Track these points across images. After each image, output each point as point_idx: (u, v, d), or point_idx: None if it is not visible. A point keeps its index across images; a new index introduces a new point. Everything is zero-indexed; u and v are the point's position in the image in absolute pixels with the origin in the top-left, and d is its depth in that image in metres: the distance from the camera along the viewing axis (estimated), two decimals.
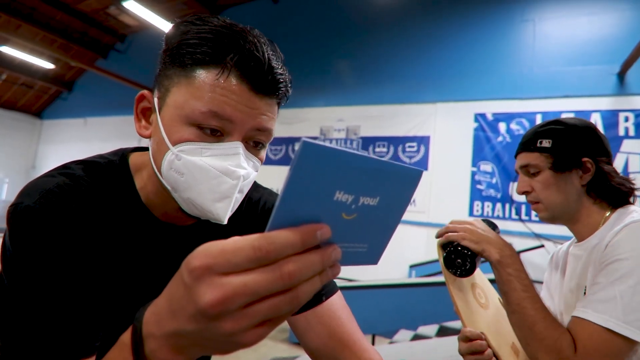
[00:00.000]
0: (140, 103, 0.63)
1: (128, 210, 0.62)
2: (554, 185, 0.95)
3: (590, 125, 0.97)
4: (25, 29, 9.59)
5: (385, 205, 0.30)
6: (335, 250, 0.29)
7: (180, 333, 0.32)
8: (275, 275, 0.27)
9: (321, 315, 0.71)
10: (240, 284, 0.27)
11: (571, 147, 0.94)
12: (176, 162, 0.55)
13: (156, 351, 0.35)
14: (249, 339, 0.30)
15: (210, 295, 0.27)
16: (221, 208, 0.56)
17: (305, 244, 0.27)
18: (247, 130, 0.56)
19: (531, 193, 0.99)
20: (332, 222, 0.28)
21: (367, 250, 0.33)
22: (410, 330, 3.40)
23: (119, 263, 0.61)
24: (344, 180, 0.27)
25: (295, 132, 7.50)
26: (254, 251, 0.27)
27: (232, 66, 0.53)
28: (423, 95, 6.47)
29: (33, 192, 0.54)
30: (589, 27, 5.42)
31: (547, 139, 0.95)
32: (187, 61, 0.54)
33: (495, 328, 0.95)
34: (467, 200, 5.84)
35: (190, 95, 0.53)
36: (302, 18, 7.99)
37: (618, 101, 5.14)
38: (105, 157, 0.64)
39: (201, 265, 0.28)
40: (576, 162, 0.93)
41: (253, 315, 0.28)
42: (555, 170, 0.94)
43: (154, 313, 0.35)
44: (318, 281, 0.29)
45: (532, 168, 0.98)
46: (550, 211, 0.98)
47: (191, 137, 0.54)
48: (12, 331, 0.50)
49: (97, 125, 11.31)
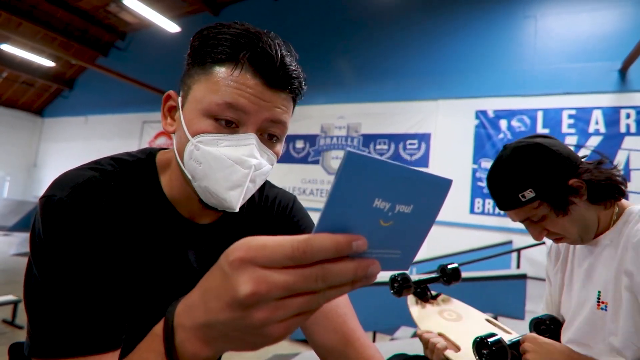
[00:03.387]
0: (167, 102, 0.67)
1: (153, 207, 0.64)
2: (567, 221, 0.92)
3: (540, 146, 0.92)
4: (25, 27, 9.59)
5: (418, 213, 0.32)
6: (374, 265, 0.30)
7: (211, 324, 0.33)
8: (312, 276, 0.29)
9: (328, 311, 0.74)
10: (279, 278, 0.29)
11: (553, 183, 0.90)
12: (195, 152, 0.58)
13: (185, 342, 0.36)
14: (277, 331, 0.31)
15: (250, 284, 0.29)
16: (233, 196, 0.59)
17: (339, 252, 0.28)
18: (260, 122, 0.59)
19: (550, 232, 0.96)
20: (370, 228, 0.30)
21: (399, 256, 0.34)
22: (411, 327, 3.40)
23: (143, 258, 0.63)
24: (382, 189, 0.29)
25: (296, 130, 7.50)
26: (293, 251, 0.28)
27: (246, 62, 0.57)
28: (424, 92, 6.46)
29: (65, 185, 0.55)
30: (590, 24, 5.40)
31: (526, 190, 0.91)
32: (207, 60, 0.59)
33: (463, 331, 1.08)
34: (468, 198, 5.83)
35: (207, 90, 0.58)
36: (303, 15, 7.97)
37: (620, 98, 5.13)
38: (133, 155, 0.68)
39: (243, 257, 0.30)
40: (567, 191, 0.90)
41: (285, 308, 0.30)
42: (563, 213, 0.91)
43: (186, 305, 0.37)
44: (348, 288, 0.31)
45: (535, 217, 0.94)
46: (577, 239, 0.95)
47: (208, 128, 0.58)
48: (40, 320, 0.51)
49: (97, 123, 11.32)
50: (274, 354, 3.14)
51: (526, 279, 3.56)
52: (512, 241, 5.32)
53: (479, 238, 5.57)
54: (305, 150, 7.49)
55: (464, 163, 5.93)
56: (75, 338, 0.50)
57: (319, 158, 7.35)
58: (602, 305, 0.91)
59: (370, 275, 0.30)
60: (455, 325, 1.08)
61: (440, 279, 1.14)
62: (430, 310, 1.14)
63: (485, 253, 5.02)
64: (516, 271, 4.13)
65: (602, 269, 0.93)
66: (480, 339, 0.85)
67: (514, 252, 5.02)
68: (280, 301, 0.30)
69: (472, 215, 5.78)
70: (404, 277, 1.09)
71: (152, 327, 0.42)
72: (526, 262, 5.06)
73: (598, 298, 0.92)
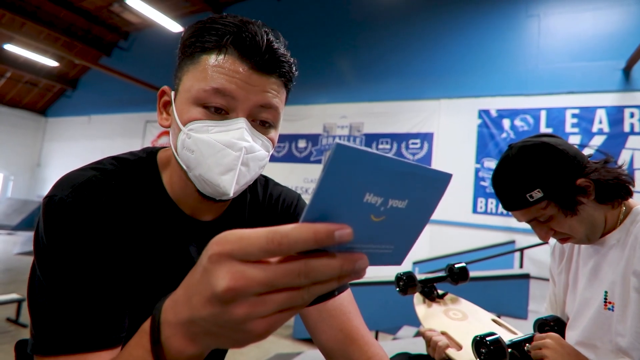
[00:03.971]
0: (161, 98, 0.67)
1: (155, 204, 0.65)
2: (575, 221, 0.91)
3: (547, 146, 0.91)
4: (29, 27, 9.63)
5: (413, 208, 0.30)
6: (362, 260, 0.29)
7: (194, 320, 0.33)
8: (294, 272, 0.28)
9: (333, 309, 0.74)
10: (258, 273, 0.28)
11: (561, 183, 0.88)
12: (187, 140, 0.59)
13: (170, 338, 0.35)
14: (259, 327, 0.30)
15: (227, 279, 0.28)
16: (226, 180, 0.58)
17: (320, 242, 0.26)
18: (250, 107, 0.59)
19: (556, 233, 0.95)
20: (360, 223, 0.28)
21: (392, 251, 0.33)
22: (413, 327, 3.40)
23: (145, 255, 0.63)
24: (374, 183, 0.27)
25: (299, 129, 7.51)
26: (267, 242, 0.27)
27: (231, 47, 0.57)
28: (426, 91, 6.45)
29: (66, 185, 0.56)
30: (594, 23, 5.38)
31: (533, 190, 0.90)
32: (195, 50, 0.59)
33: (466, 330, 1.07)
34: (470, 197, 5.82)
35: (195, 78, 0.58)
36: (305, 15, 7.96)
37: (623, 97, 5.10)
38: (135, 154, 0.68)
39: (220, 251, 0.29)
40: (575, 191, 0.89)
41: (266, 304, 0.29)
42: (571, 213, 0.90)
43: (172, 300, 0.37)
44: (335, 284, 0.30)
45: (542, 217, 0.93)
46: (584, 239, 0.95)
47: (198, 115, 0.58)
48: (42, 318, 0.52)
49: (101, 122, 11.35)
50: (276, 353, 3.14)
51: (529, 279, 3.55)
52: (514, 241, 5.31)
53: (481, 238, 5.56)
54: (308, 150, 7.49)
55: (466, 162, 5.92)
56: (77, 335, 0.51)
57: (321, 157, 7.35)
58: (609, 306, 0.91)
59: (359, 270, 0.29)
60: (459, 324, 1.08)
61: (447, 279, 1.14)
62: (436, 309, 1.14)
63: (488, 253, 5.00)
64: (519, 271, 4.13)
65: (609, 268, 0.92)
66: (479, 338, 0.85)
67: (516, 252, 5.01)
68: (261, 297, 0.29)
69: (475, 214, 5.77)
70: (409, 276, 1.09)
71: None
72: (529, 262, 5.05)
73: (605, 298, 0.92)
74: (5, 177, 12.58)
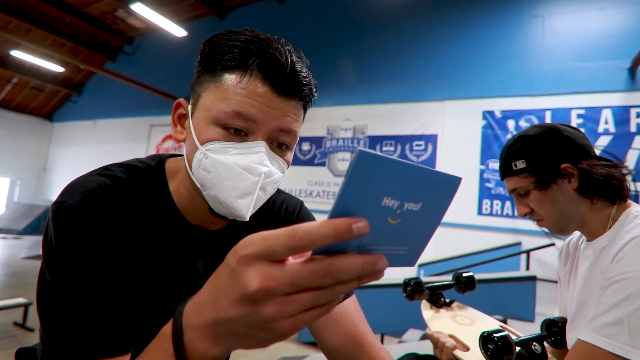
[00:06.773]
0: (177, 110, 0.66)
1: (162, 213, 0.65)
2: (547, 201, 0.94)
3: (553, 128, 0.95)
4: (35, 33, 9.73)
5: (426, 211, 0.32)
6: (382, 261, 0.30)
7: (220, 321, 0.34)
8: (319, 272, 0.29)
9: (338, 315, 0.74)
10: (286, 273, 0.29)
11: (545, 160, 0.92)
12: (204, 160, 0.58)
13: (194, 340, 0.36)
14: (286, 326, 0.31)
15: (257, 280, 0.29)
16: (244, 204, 0.58)
17: (340, 236, 0.27)
18: (270, 131, 0.58)
19: (532, 212, 0.98)
20: (378, 225, 0.30)
21: (406, 253, 0.35)
22: (419, 330, 3.38)
23: (152, 264, 0.63)
24: (392, 187, 0.29)
25: (302, 132, 7.49)
26: (289, 239, 0.28)
27: (255, 69, 0.56)
28: (430, 93, 6.44)
29: (76, 191, 0.56)
30: (598, 22, 5.35)
31: (519, 160, 0.95)
32: (216, 67, 0.58)
33: (474, 334, 1.05)
34: (475, 199, 5.79)
35: (216, 97, 0.57)
36: (308, 18, 7.99)
37: (629, 97, 5.07)
38: (143, 162, 0.68)
39: (248, 253, 0.30)
40: (556, 172, 0.91)
41: (294, 303, 0.30)
42: (541, 188, 0.93)
43: (194, 304, 0.37)
44: (355, 284, 0.31)
45: (520, 190, 0.97)
46: (555, 225, 0.97)
47: (217, 136, 0.57)
48: (52, 325, 0.52)
49: (106, 127, 11.44)
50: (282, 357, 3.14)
51: (536, 281, 3.52)
52: (520, 242, 5.27)
53: (487, 239, 5.53)
54: (312, 153, 7.49)
55: (471, 164, 5.89)
56: (86, 342, 0.51)
57: (325, 160, 7.35)
58: None
59: (378, 270, 0.30)
60: (467, 328, 1.08)
61: (454, 286, 1.14)
62: (443, 314, 1.14)
63: (494, 255, 4.98)
64: (526, 273, 4.10)
65: (599, 270, 0.92)
66: (487, 334, 0.85)
67: (523, 254, 4.98)
68: (289, 296, 0.30)
69: (480, 216, 5.74)
70: (417, 282, 1.09)
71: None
72: (536, 264, 5.01)
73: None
74: (12, 181, 12.69)
